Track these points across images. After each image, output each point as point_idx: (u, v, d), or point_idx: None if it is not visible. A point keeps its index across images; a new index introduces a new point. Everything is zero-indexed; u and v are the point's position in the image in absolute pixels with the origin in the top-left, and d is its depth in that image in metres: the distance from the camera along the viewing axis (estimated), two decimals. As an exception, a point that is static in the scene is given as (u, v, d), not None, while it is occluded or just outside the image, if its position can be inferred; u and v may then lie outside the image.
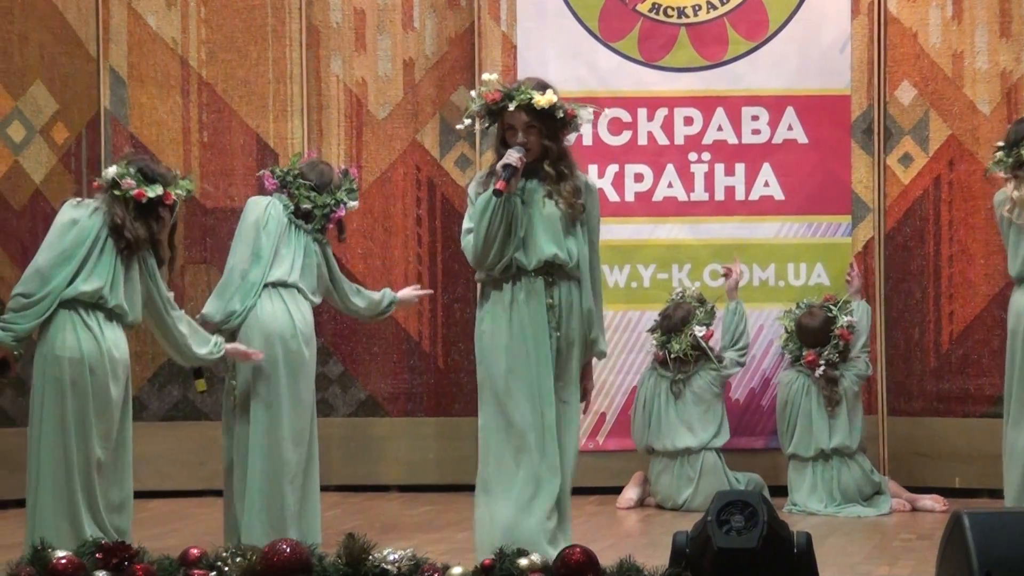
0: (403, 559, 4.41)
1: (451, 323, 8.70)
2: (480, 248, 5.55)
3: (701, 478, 7.88)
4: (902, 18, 8.37)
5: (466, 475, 8.53)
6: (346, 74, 8.71)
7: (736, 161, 8.46)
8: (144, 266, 5.77)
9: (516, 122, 5.54)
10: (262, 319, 6.29)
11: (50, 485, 5.57)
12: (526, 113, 5.51)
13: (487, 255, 5.55)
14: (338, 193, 6.54)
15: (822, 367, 7.81)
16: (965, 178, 8.29)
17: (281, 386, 6.28)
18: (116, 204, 5.71)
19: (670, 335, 7.99)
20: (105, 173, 5.79)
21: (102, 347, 5.62)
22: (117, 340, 5.69)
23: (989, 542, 4.05)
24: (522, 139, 5.51)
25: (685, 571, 4.32)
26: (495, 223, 5.49)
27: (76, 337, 5.60)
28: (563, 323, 5.57)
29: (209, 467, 8.35)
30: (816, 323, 7.89)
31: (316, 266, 6.47)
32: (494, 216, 5.49)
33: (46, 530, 5.43)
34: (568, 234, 5.57)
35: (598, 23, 8.51)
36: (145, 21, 8.57)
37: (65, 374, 5.59)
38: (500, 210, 5.49)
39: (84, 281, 5.62)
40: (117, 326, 5.71)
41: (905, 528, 7.27)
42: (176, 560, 4.57)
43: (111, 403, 5.65)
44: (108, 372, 5.62)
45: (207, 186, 8.59)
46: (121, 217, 5.67)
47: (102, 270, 5.65)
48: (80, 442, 5.59)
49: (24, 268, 5.78)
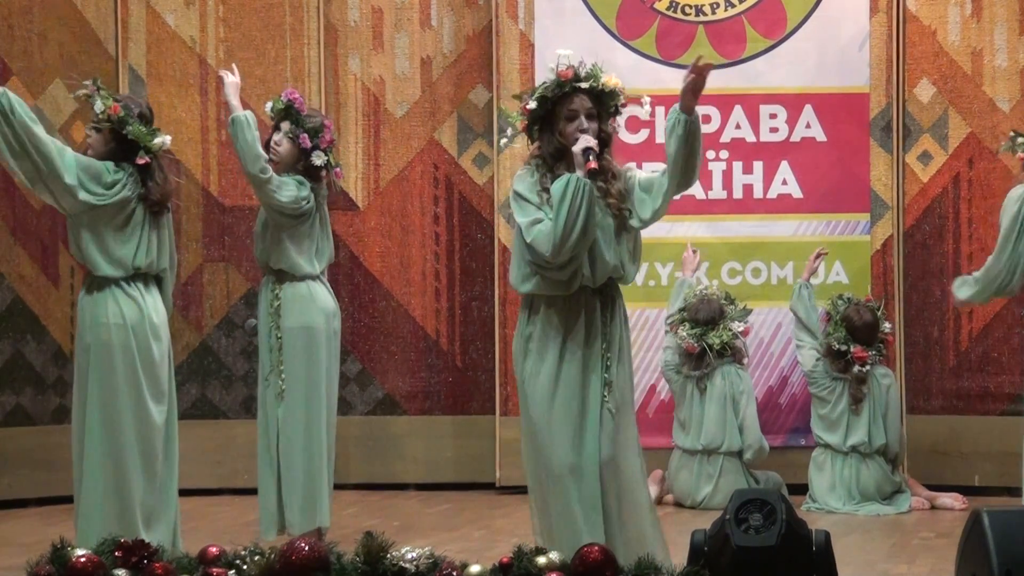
0: (421, 557, 4.41)
1: (469, 321, 8.70)
2: (559, 233, 4.90)
3: (721, 477, 7.87)
4: (921, 16, 8.35)
5: (483, 473, 8.56)
6: (364, 72, 8.72)
7: (754, 159, 8.45)
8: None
9: (580, 106, 5.05)
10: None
11: (99, 463, 5.72)
12: (591, 98, 5.07)
13: (566, 242, 4.91)
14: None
15: (867, 366, 7.80)
16: (984, 176, 8.27)
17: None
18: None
19: (705, 328, 7.98)
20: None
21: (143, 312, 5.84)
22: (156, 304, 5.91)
23: (1009, 540, 4.04)
24: (586, 125, 5.02)
25: (703, 569, 4.32)
26: (576, 204, 4.90)
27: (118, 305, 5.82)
28: (614, 344, 5.11)
29: (227, 465, 8.37)
30: (866, 320, 7.88)
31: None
32: (575, 197, 4.90)
33: (94, 508, 5.65)
34: (623, 245, 5.10)
35: (616, 21, 8.50)
36: (164, 20, 8.59)
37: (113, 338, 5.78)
38: (583, 192, 4.91)
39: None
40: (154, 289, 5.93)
41: (924, 526, 7.26)
42: (195, 558, 4.58)
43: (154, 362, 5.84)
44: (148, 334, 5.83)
45: (225, 184, 8.60)
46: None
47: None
48: (133, 404, 5.75)
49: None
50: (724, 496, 7.41)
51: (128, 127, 5.82)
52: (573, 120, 5.05)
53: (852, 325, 7.87)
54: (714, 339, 7.94)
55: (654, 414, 8.36)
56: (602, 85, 5.09)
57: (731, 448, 7.92)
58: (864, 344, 7.84)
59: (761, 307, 8.31)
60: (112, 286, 5.81)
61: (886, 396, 7.87)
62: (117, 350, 5.77)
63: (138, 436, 5.79)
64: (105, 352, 5.77)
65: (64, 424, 8.00)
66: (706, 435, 7.94)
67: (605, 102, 5.12)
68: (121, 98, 5.97)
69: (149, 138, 5.83)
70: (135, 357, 5.80)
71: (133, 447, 5.77)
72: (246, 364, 8.44)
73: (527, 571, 4.32)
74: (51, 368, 8.12)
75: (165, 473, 5.86)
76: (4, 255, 8.06)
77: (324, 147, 6.45)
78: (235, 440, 8.35)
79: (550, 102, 5.09)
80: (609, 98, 5.12)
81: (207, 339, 8.59)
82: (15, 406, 8.05)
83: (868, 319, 7.88)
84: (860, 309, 7.92)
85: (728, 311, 8.04)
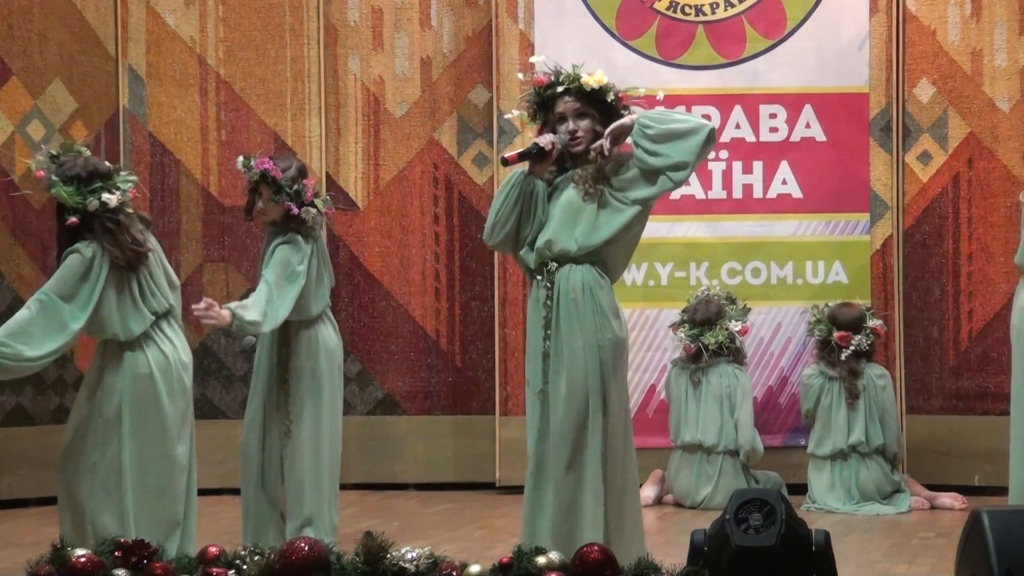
0: (421, 557, 4.41)
1: (468, 321, 8.71)
2: (490, 221, 5.10)
3: (720, 477, 7.88)
4: (920, 16, 8.35)
5: (483, 473, 8.56)
6: (364, 72, 8.72)
7: (754, 159, 8.45)
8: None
9: (567, 110, 5.09)
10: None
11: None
12: (576, 99, 5.08)
13: (492, 231, 5.08)
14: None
15: (851, 348, 7.80)
16: (984, 176, 8.27)
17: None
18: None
19: (702, 328, 7.99)
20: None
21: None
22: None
23: (1009, 540, 4.03)
24: (572, 127, 5.06)
25: (703, 569, 4.32)
26: (507, 196, 5.03)
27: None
28: (562, 318, 5.03)
29: (227, 466, 8.37)
30: (851, 314, 7.90)
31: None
32: (506, 189, 5.05)
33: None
34: (580, 219, 5.03)
35: (615, 21, 8.50)
36: (163, 20, 8.59)
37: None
38: (513, 185, 5.03)
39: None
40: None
41: (924, 526, 7.26)
42: (195, 558, 4.58)
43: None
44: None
45: (225, 184, 8.60)
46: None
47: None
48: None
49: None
50: (724, 496, 7.42)
51: (52, 190, 5.53)
52: (563, 122, 5.10)
53: (836, 321, 7.91)
54: (710, 338, 7.95)
55: (654, 414, 8.36)
56: (582, 84, 5.09)
57: (729, 448, 7.93)
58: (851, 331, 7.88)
59: (761, 307, 8.32)
60: (140, 337, 5.62)
61: (882, 395, 7.87)
62: (159, 398, 5.61)
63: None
64: (139, 400, 5.60)
65: (64, 424, 8.01)
66: (703, 433, 7.94)
67: (598, 99, 5.11)
68: (63, 159, 5.60)
69: (78, 199, 5.49)
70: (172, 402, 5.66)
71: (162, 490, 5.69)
72: (246, 364, 8.44)
73: (527, 571, 4.32)
74: (51, 368, 8.10)
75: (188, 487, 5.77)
76: (4, 255, 8.06)
77: (309, 201, 6.27)
78: (235, 440, 8.30)
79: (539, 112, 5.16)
80: (600, 94, 5.11)
81: (207, 339, 8.59)
82: (15, 406, 8.05)
83: (853, 314, 7.90)
84: (844, 306, 7.97)
85: (728, 311, 8.05)
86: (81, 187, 5.52)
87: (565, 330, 5.00)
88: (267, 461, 6.40)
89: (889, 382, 7.96)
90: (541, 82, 5.13)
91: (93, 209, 5.50)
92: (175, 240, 8.55)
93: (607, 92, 5.11)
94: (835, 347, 7.86)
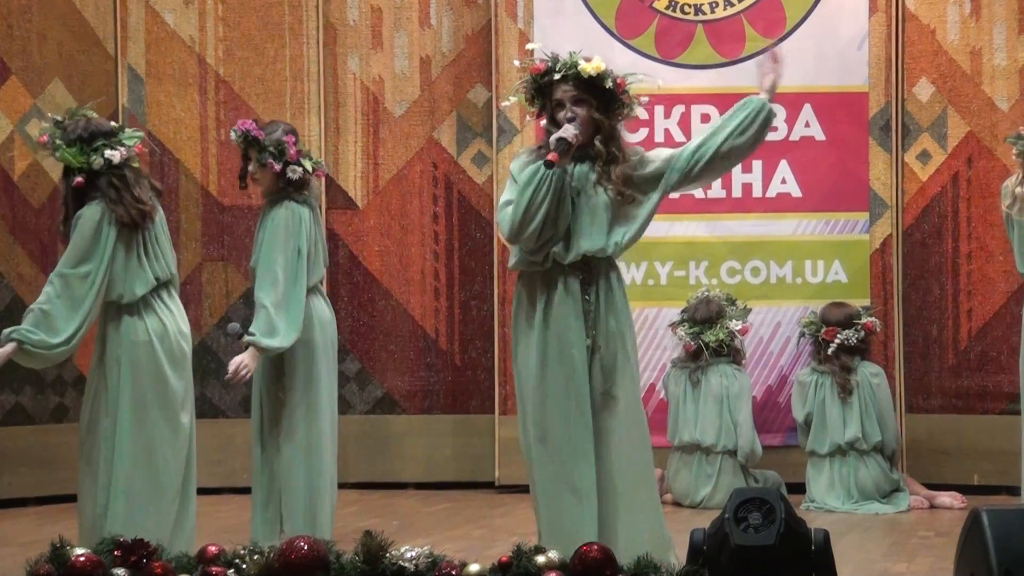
0: (420, 557, 4.41)
1: (468, 320, 8.71)
2: (518, 220, 5.02)
3: (719, 476, 7.88)
4: (920, 15, 8.35)
5: (483, 472, 8.56)
6: (363, 71, 8.72)
7: (753, 158, 8.43)
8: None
9: (564, 96, 5.10)
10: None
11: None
12: (574, 86, 5.10)
13: (524, 229, 5.03)
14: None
15: (837, 342, 7.81)
16: (984, 175, 8.27)
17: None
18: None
19: (703, 326, 7.99)
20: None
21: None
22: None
23: (1008, 539, 4.03)
24: (571, 114, 5.08)
25: (702, 568, 4.32)
26: (539, 195, 4.99)
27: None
28: (600, 322, 5.20)
29: (226, 464, 8.37)
30: (840, 312, 7.91)
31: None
32: (539, 187, 4.99)
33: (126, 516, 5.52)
34: (615, 224, 5.15)
35: (615, 20, 8.50)
36: (163, 19, 8.59)
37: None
38: (548, 183, 5.00)
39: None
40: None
41: (923, 525, 7.26)
42: (194, 557, 4.57)
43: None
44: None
45: (224, 183, 8.60)
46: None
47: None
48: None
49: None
50: (723, 496, 7.42)
51: (56, 153, 5.57)
52: (561, 109, 5.13)
53: (826, 320, 7.92)
54: (710, 337, 7.95)
55: (653, 413, 8.36)
56: (580, 71, 5.09)
57: (728, 447, 7.93)
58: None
59: (760, 306, 8.32)
60: (139, 303, 5.64)
61: (877, 392, 7.87)
62: (159, 363, 5.63)
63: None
64: (139, 367, 5.61)
65: (63, 423, 8.02)
66: (701, 433, 7.94)
67: (596, 86, 5.12)
68: (67, 123, 5.63)
69: (82, 159, 5.52)
70: (172, 368, 5.68)
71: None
72: (245, 363, 8.43)
73: (526, 570, 4.32)
74: (51, 367, 8.12)
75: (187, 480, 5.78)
76: (3, 254, 8.06)
77: (295, 159, 6.28)
78: (234, 439, 8.35)
79: (537, 99, 5.18)
80: (599, 81, 5.11)
81: (206, 338, 8.59)
82: (15, 405, 8.05)
83: (843, 312, 7.91)
84: (834, 305, 7.99)
85: (728, 311, 8.05)
86: (84, 147, 5.57)
87: (607, 321, 5.22)
88: (267, 443, 6.41)
89: (884, 379, 7.95)
90: (538, 69, 5.15)
91: (98, 167, 5.55)
92: (174, 239, 8.45)
93: (605, 78, 5.13)
94: (822, 343, 7.88)
